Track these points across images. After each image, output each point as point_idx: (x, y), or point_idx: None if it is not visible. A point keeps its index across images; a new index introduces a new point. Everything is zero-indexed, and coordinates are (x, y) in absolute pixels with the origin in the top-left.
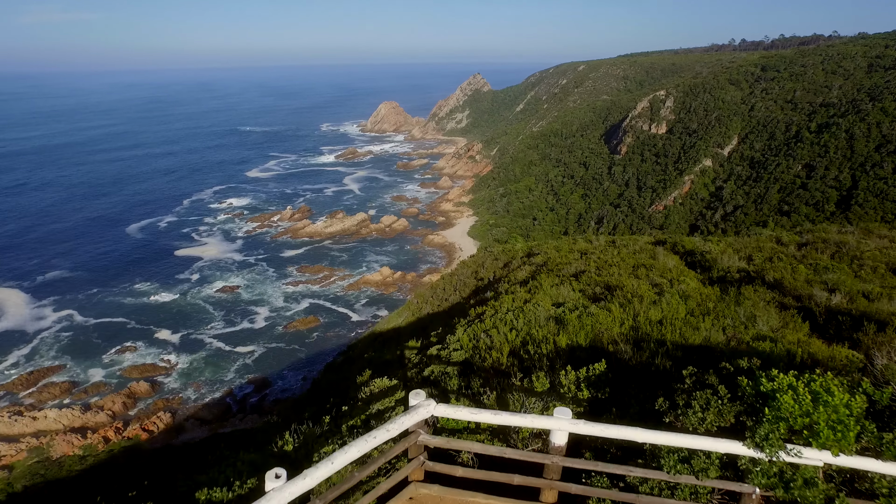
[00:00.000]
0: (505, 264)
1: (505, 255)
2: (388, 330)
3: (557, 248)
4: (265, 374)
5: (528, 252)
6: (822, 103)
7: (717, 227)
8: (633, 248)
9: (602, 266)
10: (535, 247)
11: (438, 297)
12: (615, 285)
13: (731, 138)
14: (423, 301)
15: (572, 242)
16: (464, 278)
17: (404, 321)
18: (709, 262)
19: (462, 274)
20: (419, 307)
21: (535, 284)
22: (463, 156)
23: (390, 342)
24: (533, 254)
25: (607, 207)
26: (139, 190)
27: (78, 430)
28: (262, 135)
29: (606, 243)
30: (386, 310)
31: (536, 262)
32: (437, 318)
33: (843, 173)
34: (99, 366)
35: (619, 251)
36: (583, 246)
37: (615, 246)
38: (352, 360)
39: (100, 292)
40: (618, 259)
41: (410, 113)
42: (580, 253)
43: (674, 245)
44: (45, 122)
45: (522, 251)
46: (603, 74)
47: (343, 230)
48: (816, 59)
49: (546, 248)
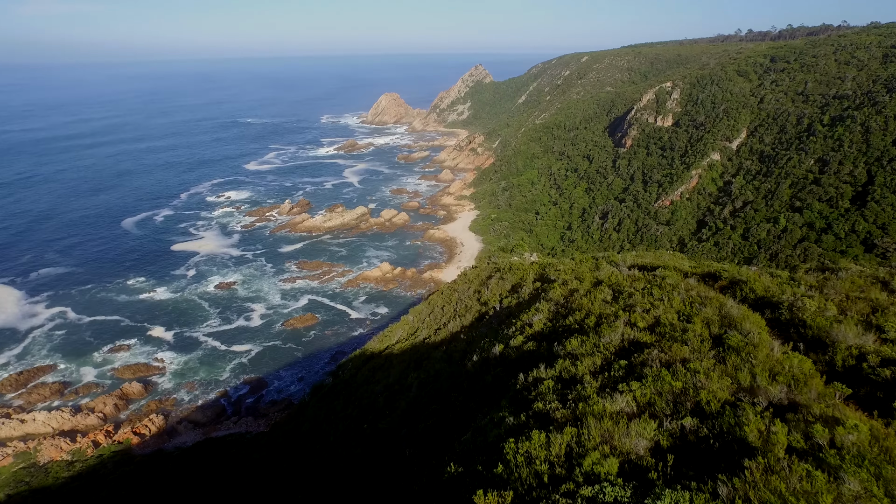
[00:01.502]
0: (513, 288)
1: (513, 274)
2: (380, 353)
3: (578, 276)
4: (261, 374)
5: (541, 275)
6: (836, 95)
7: (726, 223)
8: (683, 289)
9: (662, 333)
10: (549, 267)
11: (436, 319)
12: (711, 411)
13: (740, 131)
14: (419, 320)
15: (594, 267)
16: (465, 298)
17: (398, 345)
18: (814, 331)
19: (463, 291)
20: (414, 327)
21: (576, 399)
22: (464, 148)
23: (380, 373)
24: (546, 279)
25: (612, 202)
26: (137, 183)
27: (67, 433)
28: (263, 126)
29: (639, 275)
30: (385, 307)
31: (554, 298)
32: (432, 348)
33: (858, 168)
34: (91, 365)
35: (667, 297)
36: (610, 275)
37: (657, 284)
38: (338, 390)
39: (94, 288)
40: (671, 313)
41: (411, 104)
42: (612, 291)
43: (734, 284)
44: (44, 113)
45: (533, 273)
46: (607, 65)
47: (342, 224)
48: (828, 49)
49: (562, 271)
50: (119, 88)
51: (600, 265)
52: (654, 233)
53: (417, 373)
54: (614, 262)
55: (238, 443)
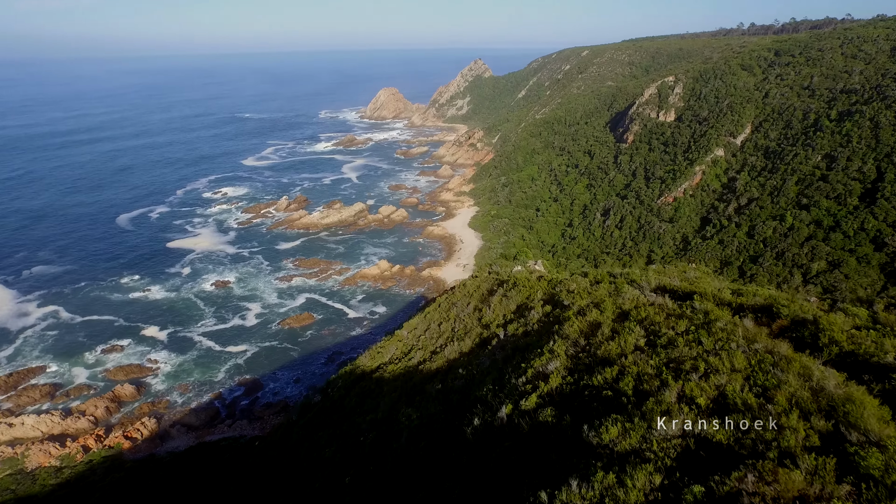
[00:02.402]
0: (518, 309)
1: (518, 292)
2: (371, 373)
3: (596, 303)
4: (257, 375)
5: (550, 295)
6: (843, 90)
7: (731, 221)
8: (740, 336)
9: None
10: (559, 286)
11: (432, 338)
12: None
13: (744, 127)
14: (413, 337)
15: (613, 290)
16: (464, 316)
17: (390, 366)
18: None
19: (461, 307)
20: (408, 345)
21: None
22: (464, 143)
23: (370, 401)
24: (558, 302)
25: (614, 199)
26: (132, 179)
27: (57, 437)
28: (261, 122)
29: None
30: (383, 306)
31: (570, 335)
32: (426, 378)
33: (867, 164)
34: (83, 366)
35: (724, 351)
36: (635, 303)
37: (702, 326)
38: (325, 414)
39: (87, 286)
40: (737, 382)
41: (410, 99)
42: (644, 332)
43: (799, 325)
44: (41, 109)
45: (542, 291)
46: (607, 60)
47: (340, 221)
48: (834, 42)
49: (576, 293)
50: (116, 84)
51: (620, 287)
52: (657, 230)
53: (410, 410)
54: (635, 282)
55: (232, 447)
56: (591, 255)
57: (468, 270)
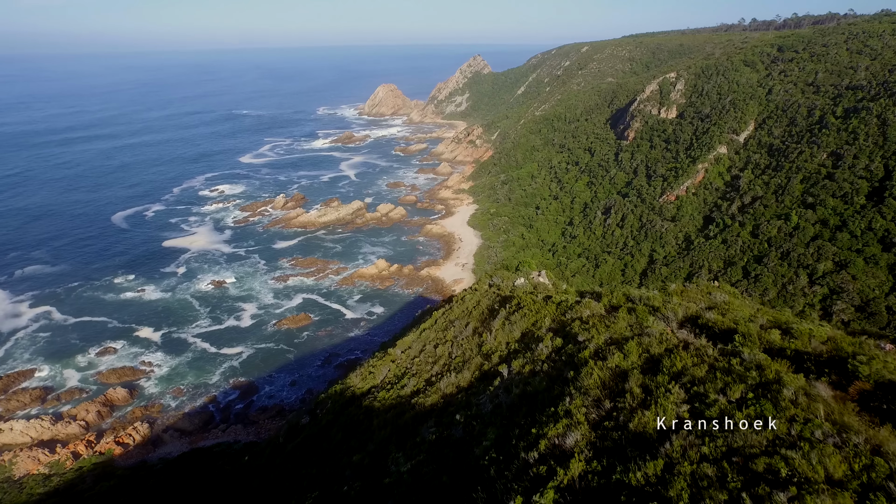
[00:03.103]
0: (523, 337)
1: (522, 317)
2: (362, 398)
3: (615, 341)
4: (252, 378)
5: (560, 324)
6: (849, 86)
7: (735, 220)
8: (821, 415)
9: None
10: (570, 312)
11: (427, 363)
12: None
13: (748, 124)
14: (407, 358)
15: (634, 322)
16: (462, 340)
17: (381, 392)
18: None
19: (459, 327)
20: (401, 368)
21: None
22: (463, 140)
23: (355, 439)
24: (570, 333)
25: (615, 197)
26: (128, 177)
27: (47, 443)
28: (258, 119)
29: (714, 355)
30: (381, 306)
31: (591, 390)
32: (420, 417)
33: (874, 162)
34: (75, 369)
35: (805, 443)
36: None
37: (766, 394)
38: (314, 435)
39: (81, 286)
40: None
41: (409, 96)
42: (685, 394)
43: (886, 389)
44: (38, 105)
45: (550, 317)
46: (608, 56)
47: (338, 219)
48: (839, 38)
49: (590, 325)
50: (114, 80)
51: (642, 318)
52: (659, 229)
53: (400, 458)
54: (658, 310)
55: (225, 454)
56: (592, 254)
57: (467, 270)
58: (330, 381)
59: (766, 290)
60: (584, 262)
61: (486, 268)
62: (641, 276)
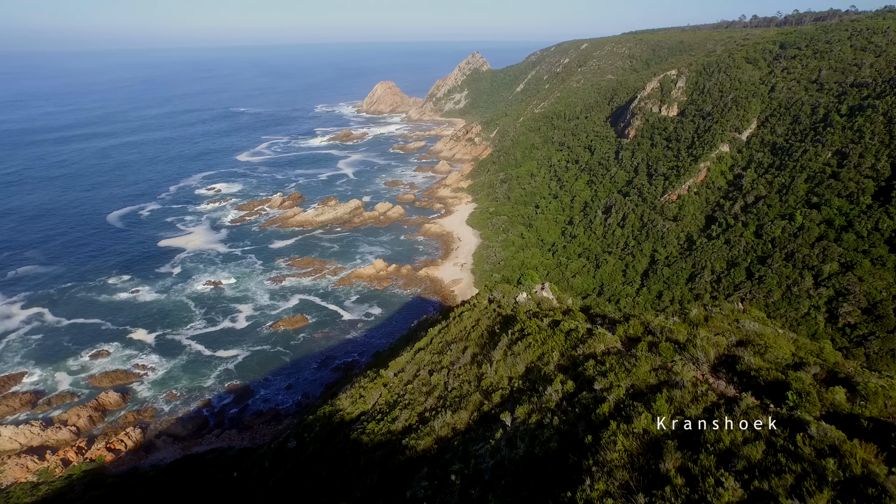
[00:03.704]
0: (527, 373)
1: (527, 347)
2: (350, 423)
3: (638, 389)
4: (247, 381)
5: (571, 360)
6: (853, 83)
7: (737, 220)
8: None
9: None
10: (581, 346)
11: (421, 392)
12: None
13: (750, 122)
14: (399, 384)
15: (655, 361)
16: (459, 370)
17: (370, 423)
18: None
19: (456, 352)
20: (393, 394)
21: None
22: (461, 138)
23: (340, 481)
24: (584, 376)
25: (615, 196)
26: (124, 176)
27: (36, 450)
28: (256, 116)
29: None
30: (378, 307)
31: (613, 464)
32: (411, 463)
33: (881, 161)
34: (67, 372)
35: None
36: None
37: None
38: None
39: (74, 287)
40: None
41: (407, 93)
42: (738, 488)
43: None
44: (32, 103)
45: (558, 349)
46: (607, 53)
47: (335, 218)
48: (842, 34)
49: (607, 366)
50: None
51: (665, 355)
52: (661, 229)
53: None
54: (685, 348)
55: (219, 461)
56: (593, 254)
57: (466, 270)
58: (324, 385)
59: (770, 291)
60: (585, 263)
61: (485, 268)
62: (643, 276)
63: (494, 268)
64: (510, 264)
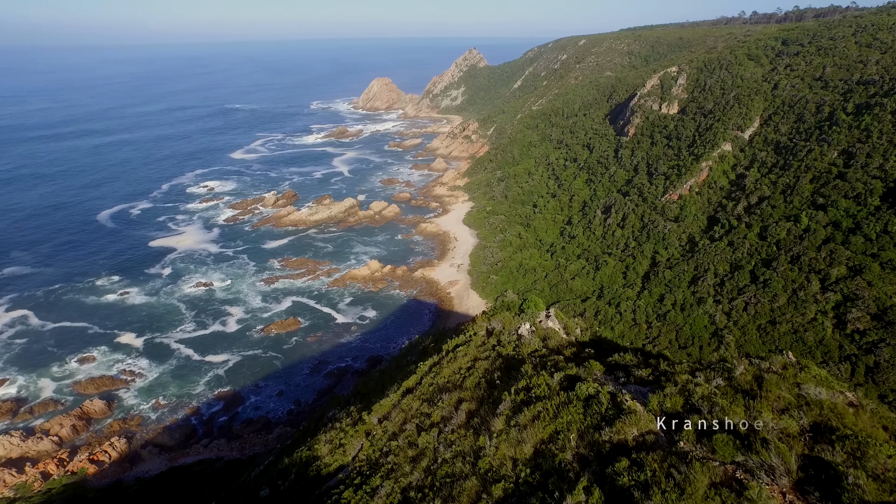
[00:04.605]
0: (535, 458)
1: (537, 423)
2: (328, 478)
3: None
4: (237, 388)
5: (593, 448)
6: (859, 81)
7: (741, 221)
8: None
9: None
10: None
11: (405, 458)
12: None
13: (753, 120)
14: (384, 435)
15: (714, 468)
16: (449, 431)
17: (347, 490)
18: None
19: (448, 406)
20: (376, 449)
21: None
22: (458, 135)
23: None
24: (616, 481)
25: (615, 195)
26: (116, 173)
27: (15, 462)
28: (250, 113)
29: None
30: (373, 310)
31: None
32: None
33: (889, 161)
34: (50, 378)
35: None
36: None
37: None
38: None
39: (61, 289)
40: None
41: (403, 89)
42: None
43: None
44: (26, 99)
45: (576, 428)
46: (606, 49)
47: (330, 217)
48: (846, 31)
49: (647, 468)
50: (107, 73)
51: (721, 452)
52: (662, 230)
53: None
54: (745, 439)
55: (206, 473)
56: (592, 255)
57: (462, 271)
58: (317, 392)
59: (775, 295)
60: (584, 264)
61: (482, 269)
62: (644, 279)
63: (492, 269)
64: (508, 265)
